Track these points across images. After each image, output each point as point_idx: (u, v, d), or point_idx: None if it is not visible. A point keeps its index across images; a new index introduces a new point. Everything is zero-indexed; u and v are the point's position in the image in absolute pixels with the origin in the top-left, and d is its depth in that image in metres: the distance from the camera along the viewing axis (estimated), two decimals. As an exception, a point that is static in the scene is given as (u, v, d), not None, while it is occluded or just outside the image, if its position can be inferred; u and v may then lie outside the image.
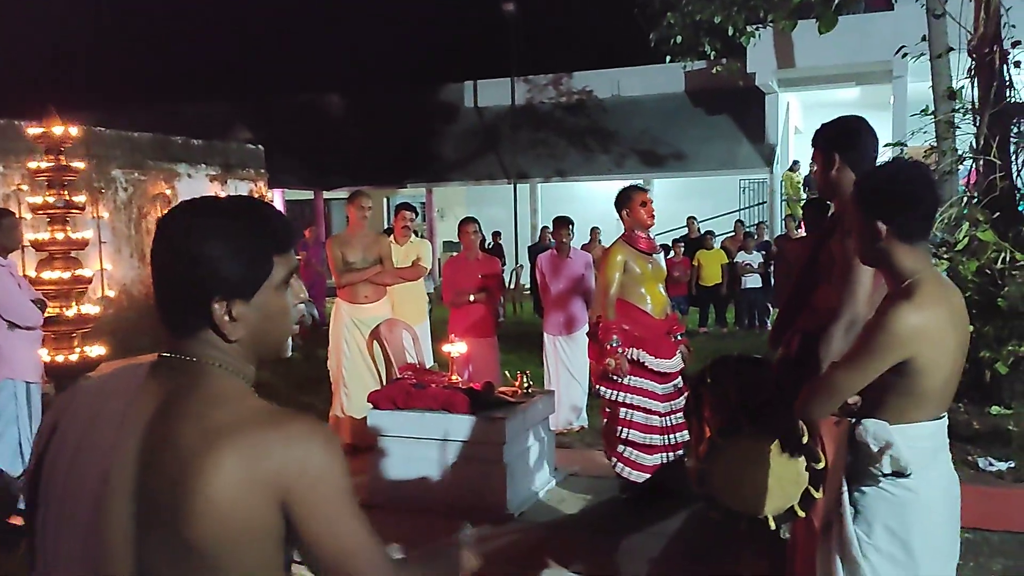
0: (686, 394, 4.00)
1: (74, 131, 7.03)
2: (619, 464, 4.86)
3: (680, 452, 4.83)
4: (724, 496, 2.79)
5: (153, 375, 1.27)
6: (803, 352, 2.90)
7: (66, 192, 6.92)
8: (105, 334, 7.84)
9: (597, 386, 4.92)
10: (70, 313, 6.77)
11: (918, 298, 2.12)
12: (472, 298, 6.33)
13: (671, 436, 4.84)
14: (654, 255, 5.04)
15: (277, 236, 1.30)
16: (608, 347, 4.71)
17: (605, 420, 5.02)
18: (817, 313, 2.93)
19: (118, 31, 31.23)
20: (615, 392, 4.80)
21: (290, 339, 1.36)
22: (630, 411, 4.79)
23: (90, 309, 7.02)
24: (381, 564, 1.24)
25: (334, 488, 1.20)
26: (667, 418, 4.85)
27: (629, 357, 4.75)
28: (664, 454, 4.85)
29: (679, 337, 5.00)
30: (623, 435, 4.80)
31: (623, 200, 4.97)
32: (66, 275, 6.80)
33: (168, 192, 13.34)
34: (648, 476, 4.83)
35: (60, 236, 6.85)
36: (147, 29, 31.45)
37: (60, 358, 6.67)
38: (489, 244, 15.84)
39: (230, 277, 1.24)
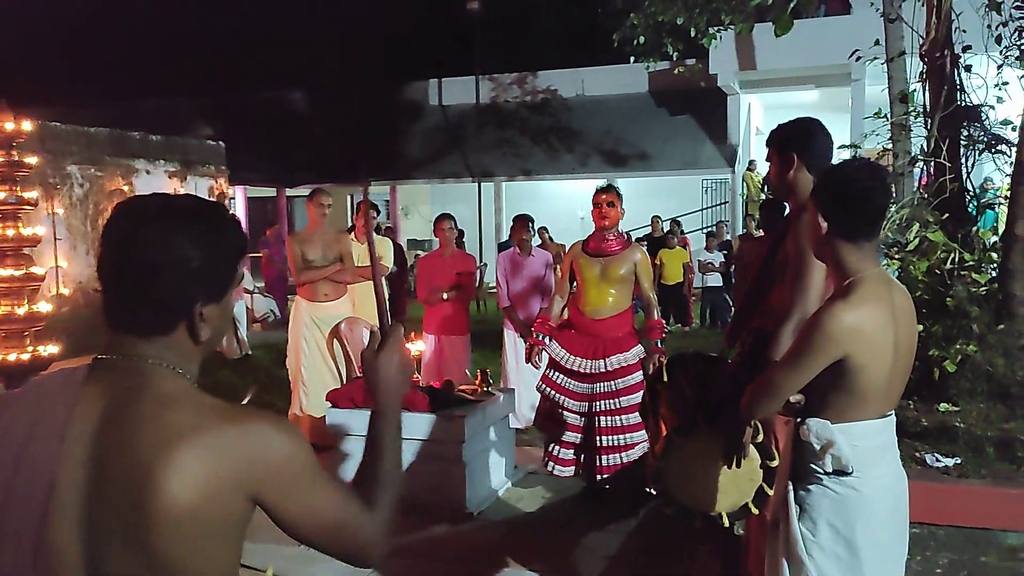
0: (641, 392, 4.04)
1: (27, 125, 6.87)
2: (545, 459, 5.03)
3: (616, 456, 4.78)
4: (679, 493, 2.83)
5: (93, 379, 1.23)
6: (756, 351, 2.93)
7: (18, 188, 6.77)
8: (59, 332, 7.68)
9: None
10: (21, 311, 6.63)
11: (854, 297, 2.15)
12: (446, 296, 6.29)
13: (594, 437, 4.80)
14: (605, 256, 4.86)
15: (243, 239, 1.33)
16: (532, 336, 5.07)
17: None
18: (772, 312, 2.96)
19: (74, 23, 30.60)
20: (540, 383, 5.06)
21: None
22: (543, 401, 5.02)
23: (43, 307, 6.89)
24: (367, 527, 1.26)
25: (302, 468, 1.22)
26: (584, 418, 4.85)
27: (549, 349, 4.97)
28: (583, 454, 4.90)
29: (659, 344, 4.89)
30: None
31: None
32: (17, 272, 6.65)
33: (125, 188, 13.12)
34: (568, 472, 4.93)
35: (11, 233, 6.69)
36: (105, 22, 30.83)
37: (12, 357, 6.53)
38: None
39: (214, 281, 1.26)
